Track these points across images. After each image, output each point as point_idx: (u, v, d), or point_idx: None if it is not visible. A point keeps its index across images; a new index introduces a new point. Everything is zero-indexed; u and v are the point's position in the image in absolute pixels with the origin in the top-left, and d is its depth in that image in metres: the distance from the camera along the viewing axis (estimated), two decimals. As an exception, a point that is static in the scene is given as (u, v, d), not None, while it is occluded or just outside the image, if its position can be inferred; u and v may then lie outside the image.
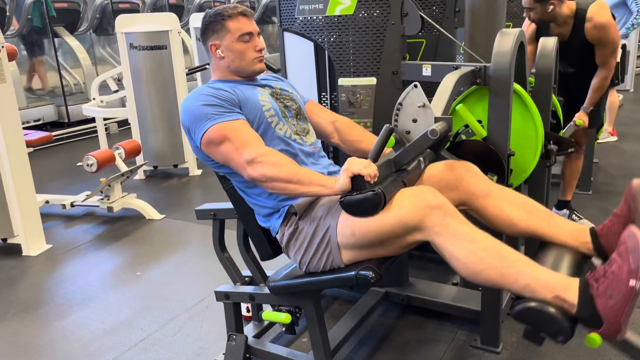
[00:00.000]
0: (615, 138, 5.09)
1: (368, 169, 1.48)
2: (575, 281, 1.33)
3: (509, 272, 1.38)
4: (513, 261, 1.40)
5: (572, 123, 3.00)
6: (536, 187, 2.31)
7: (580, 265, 1.53)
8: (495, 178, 1.83)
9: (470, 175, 1.71)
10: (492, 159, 1.86)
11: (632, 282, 1.21)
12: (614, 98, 4.90)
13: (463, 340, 2.18)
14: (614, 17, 4.27)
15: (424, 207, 1.45)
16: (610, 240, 1.51)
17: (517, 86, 1.94)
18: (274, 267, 1.91)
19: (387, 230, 1.51)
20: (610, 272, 1.27)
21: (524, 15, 2.95)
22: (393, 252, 1.59)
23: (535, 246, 1.69)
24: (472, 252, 1.42)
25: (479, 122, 1.99)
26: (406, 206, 1.48)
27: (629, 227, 1.31)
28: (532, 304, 1.33)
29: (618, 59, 4.62)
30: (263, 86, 1.87)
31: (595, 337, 1.29)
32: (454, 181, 1.71)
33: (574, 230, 1.59)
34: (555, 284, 1.33)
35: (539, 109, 2.21)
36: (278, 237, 1.77)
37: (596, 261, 1.56)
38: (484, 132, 1.94)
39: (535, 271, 1.38)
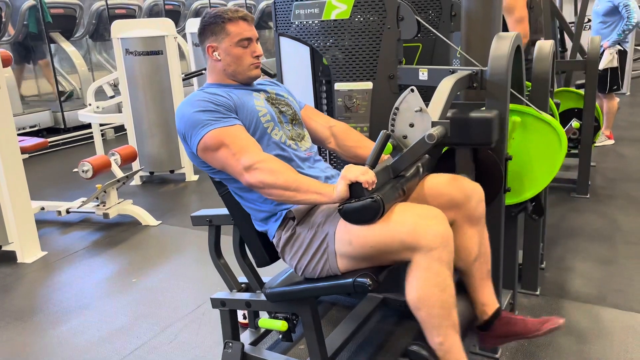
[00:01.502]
0: (612, 141, 5.10)
1: (366, 176, 1.46)
2: None
3: (441, 330, 1.51)
4: (451, 325, 1.52)
5: (569, 125, 3.00)
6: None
7: (466, 322, 1.73)
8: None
9: (475, 199, 1.73)
10: (490, 165, 1.85)
11: None
12: (613, 103, 4.91)
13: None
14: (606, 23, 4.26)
15: (429, 233, 1.46)
16: (499, 328, 1.75)
17: (549, 117, 1.94)
18: (271, 274, 1.89)
19: (384, 243, 1.50)
20: None
21: None
22: (387, 263, 1.59)
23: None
24: (430, 296, 1.49)
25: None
26: (410, 224, 1.47)
27: None
28: (417, 349, 1.54)
29: (615, 64, 4.64)
30: (258, 91, 1.86)
31: None
32: (458, 201, 1.71)
33: (486, 299, 1.77)
34: None
35: (536, 112, 2.21)
36: (274, 240, 1.75)
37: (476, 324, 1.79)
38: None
39: (454, 344, 1.53)
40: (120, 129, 6.45)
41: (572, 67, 4.01)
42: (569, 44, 4.63)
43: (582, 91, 3.66)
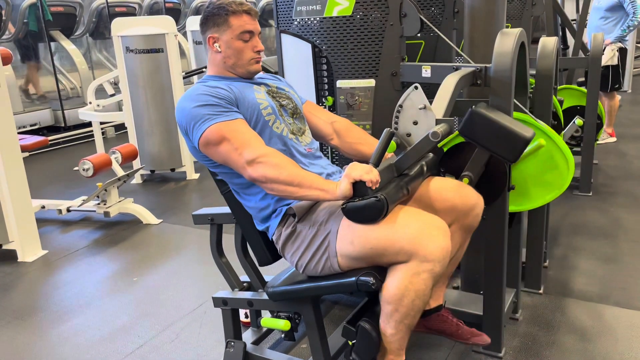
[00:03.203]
0: (614, 139, 5.08)
1: (370, 174, 1.45)
2: None
3: (399, 327, 1.55)
4: (409, 325, 1.56)
5: (572, 123, 2.98)
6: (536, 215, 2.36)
7: None
8: (466, 181, 1.80)
9: (475, 212, 1.73)
10: (495, 163, 1.83)
11: None
12: (615, 101, 4.89)
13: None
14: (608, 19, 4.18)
15: (430, 245, 1.45)
16: (434, 321, 1.77)
17: (557, 136, 1.89)
18: (273, 273, 1.88)
19: (383, 246, 1.49)
20: None
21: None
22: (381, 265, 1.57)
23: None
24: (406, 299, 1.49)
25: None
26: (413, 232, 1.46)
27: None
28: (368, 328, 1.58)
29: (616, 62, 4.61)
30: (259, 84, 1.84)
31: None
32: (459, 210, 1.71)
33: (435, 295, 1.76)
34: None
35: (540, 110, 2.19)
36: (274, 237, 1.74)
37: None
38: None
39: (402, 340, 1.58)
40: (120, 127, 6.43)
41: (575, 65, 4.00)
42: (570, 41, 4.62)
43: (584, 89, 3.65)
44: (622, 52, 4.71)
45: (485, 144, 1.68)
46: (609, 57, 4.58)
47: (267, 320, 1.81)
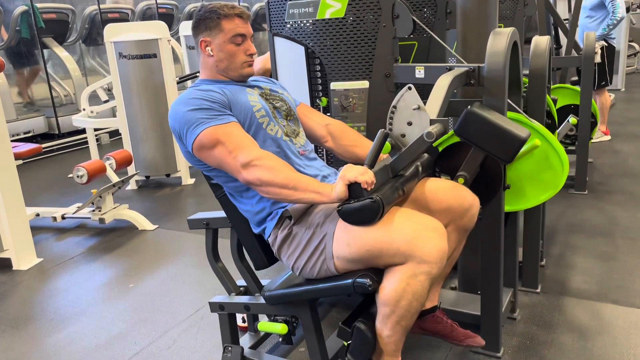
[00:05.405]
0: (608, 137, 5.10)
1: (365, 176, 1.45)
2: None
3: (396, 328, 1.54)
4: (406, 327, 1.56)
5: (566, 121, 2.99)
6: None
7: None
8: (461, 181, 1.81)
9: (471, 213, 1.74)
10: (490, 162, 1.83)
11: None
12: (605, 98, 4.91)
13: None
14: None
15: (427, 246, 1.45)
16: (428, 322, 1.77)
17: (552, 136, 1.88)
18: (269, 276, 1.87)
19: (379, 248, 1.49)
20: None
21: None
22: (377, 267, 1.56)
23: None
24: (404, 301, 1.48)
25: None
26: (409, 233, 1.46)
27: None
28: (364, 328, 1.57)
29: (599, 60, 4.64)
30: (252, 87, 1.84)
31: None
32: (455, 211, 1.71)
33: (431, 295, 1.74)
34: None
35: (534, 109, 2.20)
36: (270, 239, 1.73)
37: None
38: None
39: (398, 342, 1.58)
40: (115, 133, 6.41)
41: (568, 64, 4.01)
42: (563, 40, 4.64)
43: (578, 87, 3.66)
44: (608, 49, 4.74)
45: (480, 144, 1.67)
46: None
47: (264, 324, 1.80)
